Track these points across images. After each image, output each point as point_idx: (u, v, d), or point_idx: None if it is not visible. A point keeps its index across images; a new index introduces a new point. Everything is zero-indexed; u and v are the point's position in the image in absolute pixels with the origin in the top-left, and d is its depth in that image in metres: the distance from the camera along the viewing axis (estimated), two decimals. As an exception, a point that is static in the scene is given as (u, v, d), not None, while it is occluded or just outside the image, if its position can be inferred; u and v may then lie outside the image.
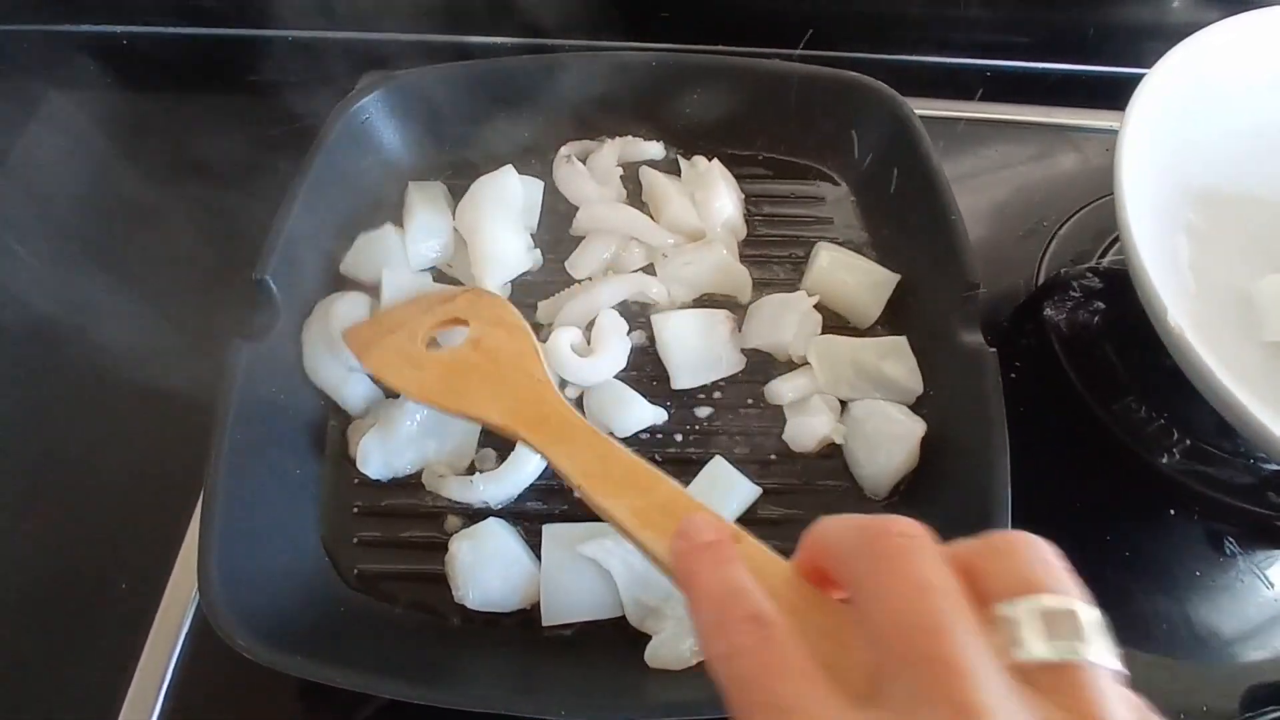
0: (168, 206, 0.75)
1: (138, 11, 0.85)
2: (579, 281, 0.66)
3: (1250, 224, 0.64)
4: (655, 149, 0.72)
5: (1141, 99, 0.58)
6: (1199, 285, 0.62)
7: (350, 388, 0.59)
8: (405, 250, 0.64)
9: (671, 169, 0.71)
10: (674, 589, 0.52)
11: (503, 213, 0.64)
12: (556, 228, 0.69)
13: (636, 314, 0.65)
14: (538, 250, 0.67)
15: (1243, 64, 0.63)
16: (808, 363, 0.61)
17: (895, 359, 0.60)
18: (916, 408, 0.59)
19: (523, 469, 0.56)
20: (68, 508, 0.60)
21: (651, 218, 0.67)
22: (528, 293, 0.66)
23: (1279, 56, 0.64)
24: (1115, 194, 0.54)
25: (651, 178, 0.68)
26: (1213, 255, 0.63)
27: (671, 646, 0.51)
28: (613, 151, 0.70)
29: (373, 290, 0.63)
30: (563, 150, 0.71)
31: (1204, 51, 0.61)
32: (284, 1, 0.79)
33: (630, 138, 0.71)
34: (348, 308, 0.61)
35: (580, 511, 0.57)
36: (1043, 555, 0.25)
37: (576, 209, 0.69)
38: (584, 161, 0.70)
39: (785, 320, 0.61)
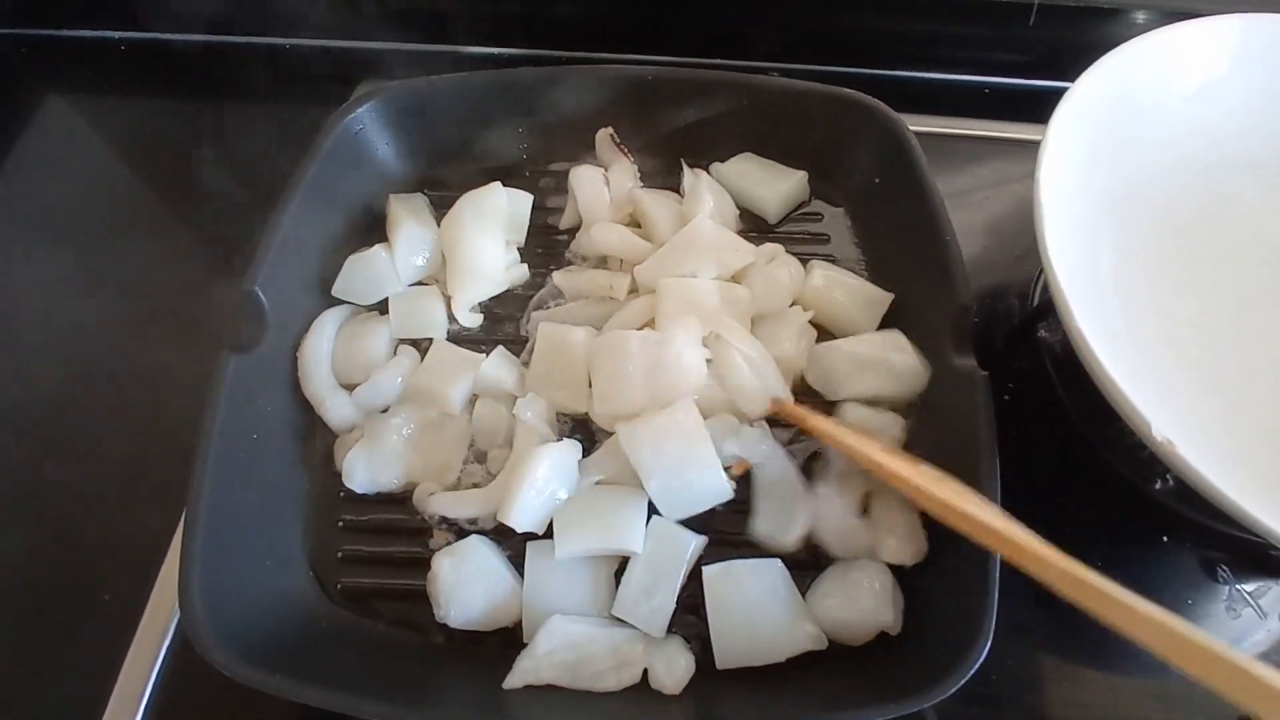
0: (160, 215, 0.75)
1: (135, 18, 0.84)
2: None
3: (1170, 236, 0.64)
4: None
5: (1064, 111, 0.57)
6: (1124, 308, 0.61)
7: (334, 403, 0.59)
8: (396, 269, 0.63)
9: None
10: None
11: (487, 229, 0.64)
12: (545, 241, 0.69)
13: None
14: (524, 265, 0.67)
15: (1165, 76, 0.62)
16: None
17: (898, 349, 0.60)
18: (908, 427, 0.59)
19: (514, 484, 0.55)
20: (54, 515, 0.60)
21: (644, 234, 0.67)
22: (517, 306, 0.66)
23: (1200, 68, 0.63)
24: (1035, 208, 0.53)
25: (643, 199, 0.67)
26: (1136, 270, 0.62)
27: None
28: (631, 174, 0.69)
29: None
30: (605, 133, 0.69)
31: (1126, 64, 0.60)
32: (281, 10, 0.78)
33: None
34: (345, 323, 0.62)
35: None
36: None
37: (565, 230, 0.69)
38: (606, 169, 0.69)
39: (782, 334, 0.61)
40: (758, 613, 0.51)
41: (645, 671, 0.51)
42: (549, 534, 0.54)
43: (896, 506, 0.54)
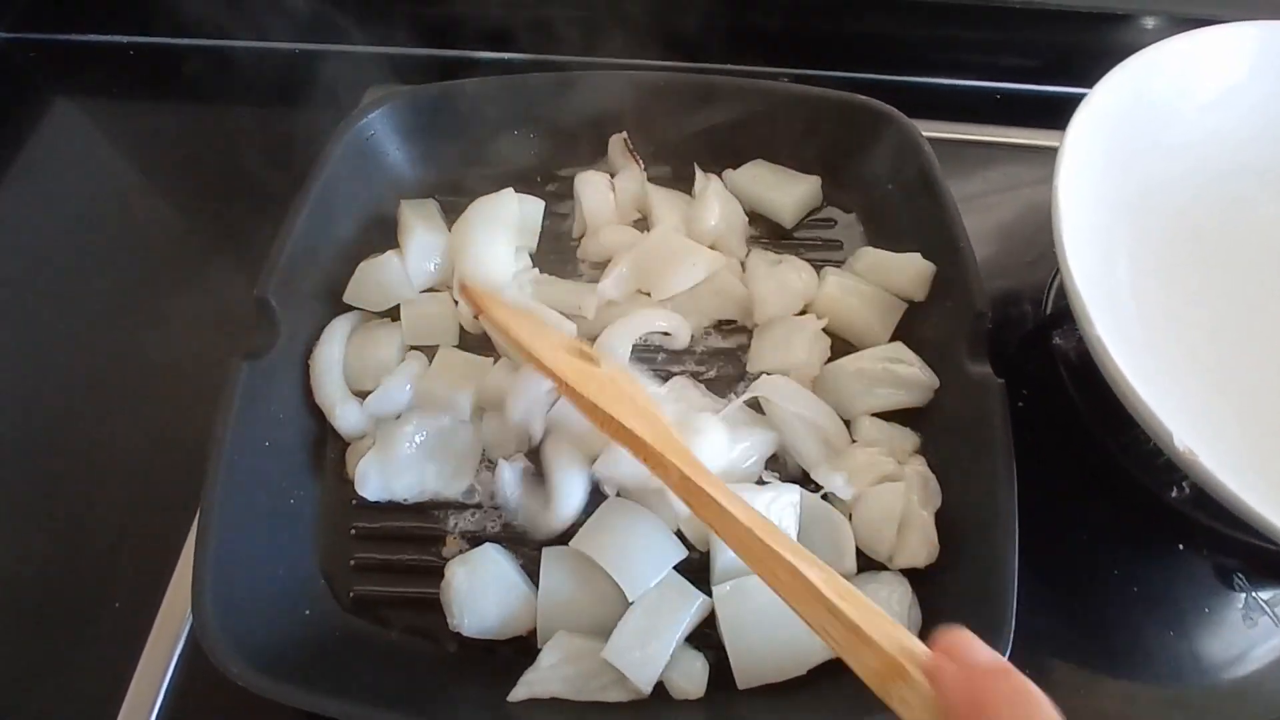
0: (170, 220, 0.75)
1: (144, 22, 0.84)
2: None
3: (1186, 242, 0.64)
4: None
5: (1081, 118, 0.57)
6: (1140, 315, 0.61)
7: (345, 411, 0.58)
8: (408, 275, 0.63)
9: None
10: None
11: (497, 235, 0.64)
12: (558, 247, 0.69)
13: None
14: (535, 271, 0.67)
15: (1181, 84, 0.62)
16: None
17: (902, 361, 0.59)
18: (923, 435, 0.59)
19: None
20: (64, 522, 0.60)
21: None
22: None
23: (1216, 76, 0.63)
24: (1054, 216, 0.52)
25: (654, 195, 0.68)
26: (1151, 276, 0.62)
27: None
28: (640, 180, 0.69)
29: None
30: (619, 138, 0.70)
31: (1143, 72, 0.60)
32: (289, 14, 0.78)
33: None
34: (356, 330, 0.62)
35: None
36: None
37: (578, 236, 0.69)
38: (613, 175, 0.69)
39: (795, 342, 0.61)
40: (774, 626, 0.50)
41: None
42: (565, 540, 0.54)
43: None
